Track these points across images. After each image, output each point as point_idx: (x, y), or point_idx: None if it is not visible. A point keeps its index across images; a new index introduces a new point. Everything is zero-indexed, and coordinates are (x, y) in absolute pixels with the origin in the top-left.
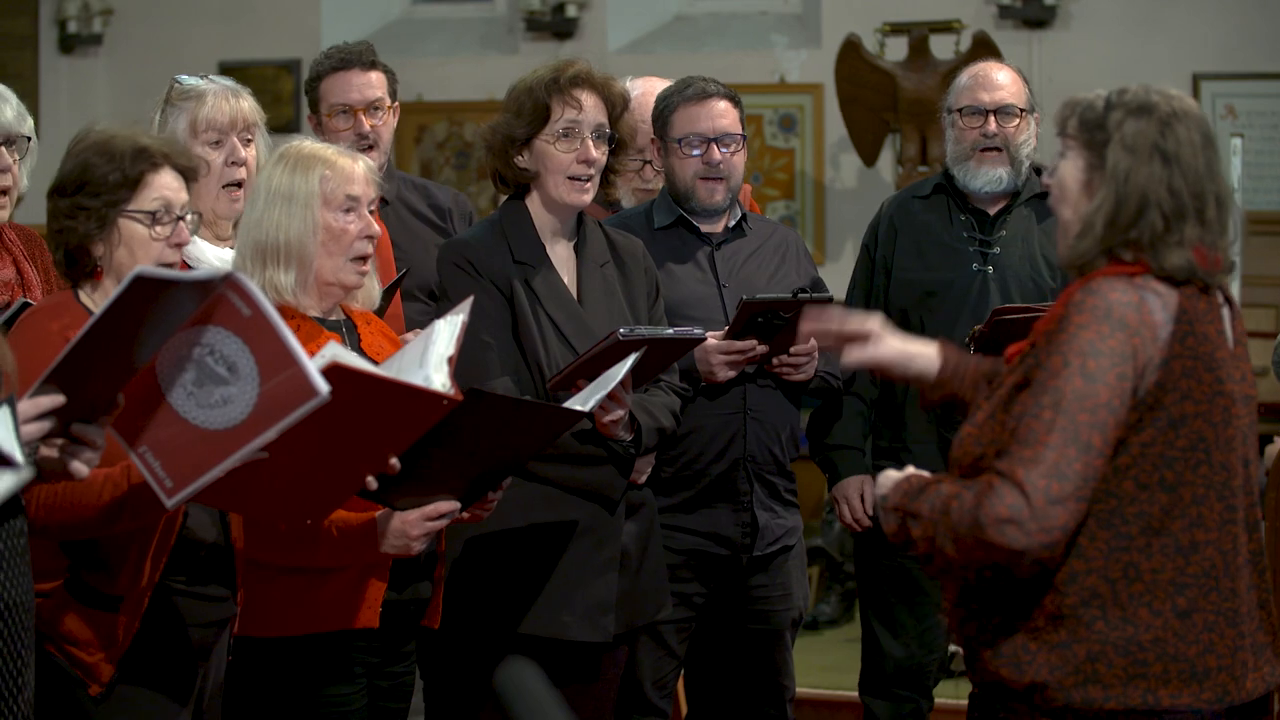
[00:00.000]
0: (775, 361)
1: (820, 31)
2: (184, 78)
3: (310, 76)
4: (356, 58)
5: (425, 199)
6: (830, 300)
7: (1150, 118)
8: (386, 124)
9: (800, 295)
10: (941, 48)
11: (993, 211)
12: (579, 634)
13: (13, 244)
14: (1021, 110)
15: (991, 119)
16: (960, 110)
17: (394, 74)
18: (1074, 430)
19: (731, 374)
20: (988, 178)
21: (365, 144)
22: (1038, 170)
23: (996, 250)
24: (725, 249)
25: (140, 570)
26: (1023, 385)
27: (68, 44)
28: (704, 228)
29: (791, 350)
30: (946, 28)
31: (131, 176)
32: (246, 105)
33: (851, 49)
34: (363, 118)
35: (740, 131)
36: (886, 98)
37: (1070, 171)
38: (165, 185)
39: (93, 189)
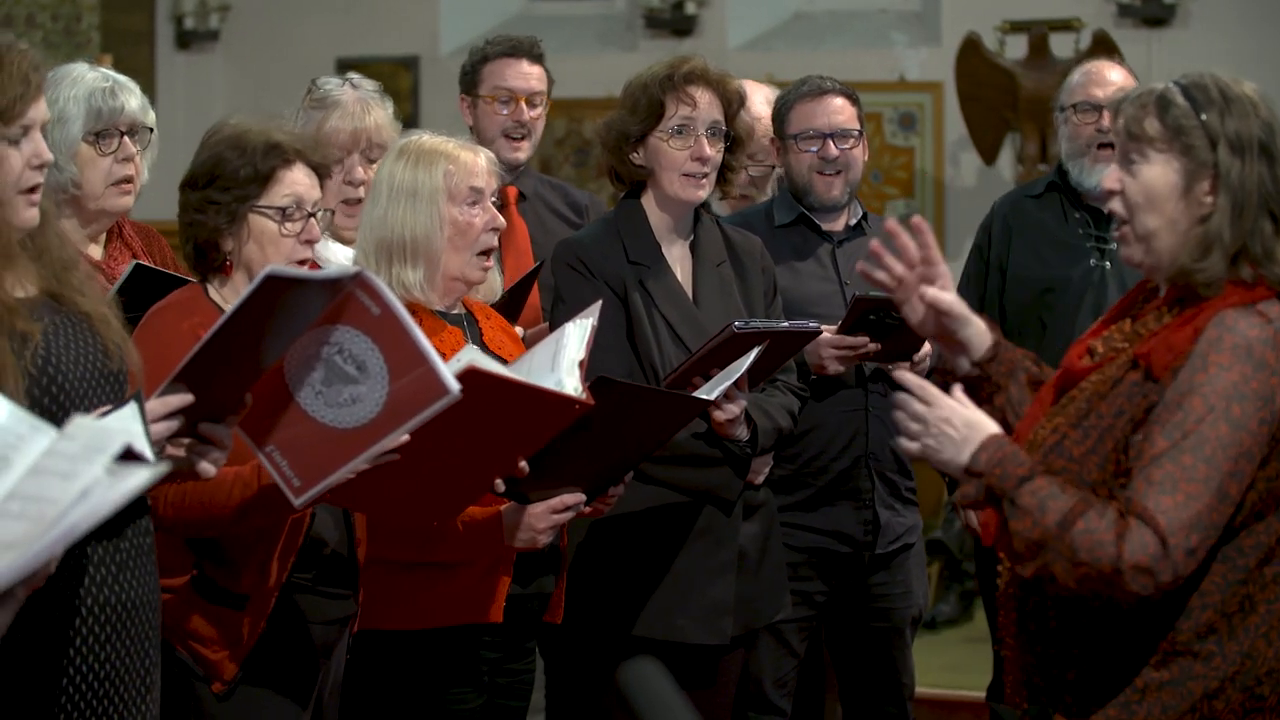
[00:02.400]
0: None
1: (940, 30)
2: (324, 81)
3: (474, 58)
4: (526, 49)
5: (563, 198)
6: None
7: (1245, 112)
8: (541, 118)
9: None
10: (1061, 46)
11: (1107, 208)
12: (696, 637)
13: (131, 239)
14: None
15: (1105, 115)
16: (1074, 106)
17: (552, 76)
18: (1218, 481)
19: (841, 369)
20: (1103, 174)
21: (520, 132)
22: None
23: (1113, 246)
24: (847, 247)
25: (267, 570)
26: (1139, 421)
27: (184, 40)
28: (825, 225)
29: (916, 359)
30: (1066, 26)
31: (263, 172)
32: (373, 121)
33: (971, 47)
34: (523, 106)
35: (857, 127)
36: (1006, 96)
37: (1161, 177)
38: (297, 181)
39: (223, 183)
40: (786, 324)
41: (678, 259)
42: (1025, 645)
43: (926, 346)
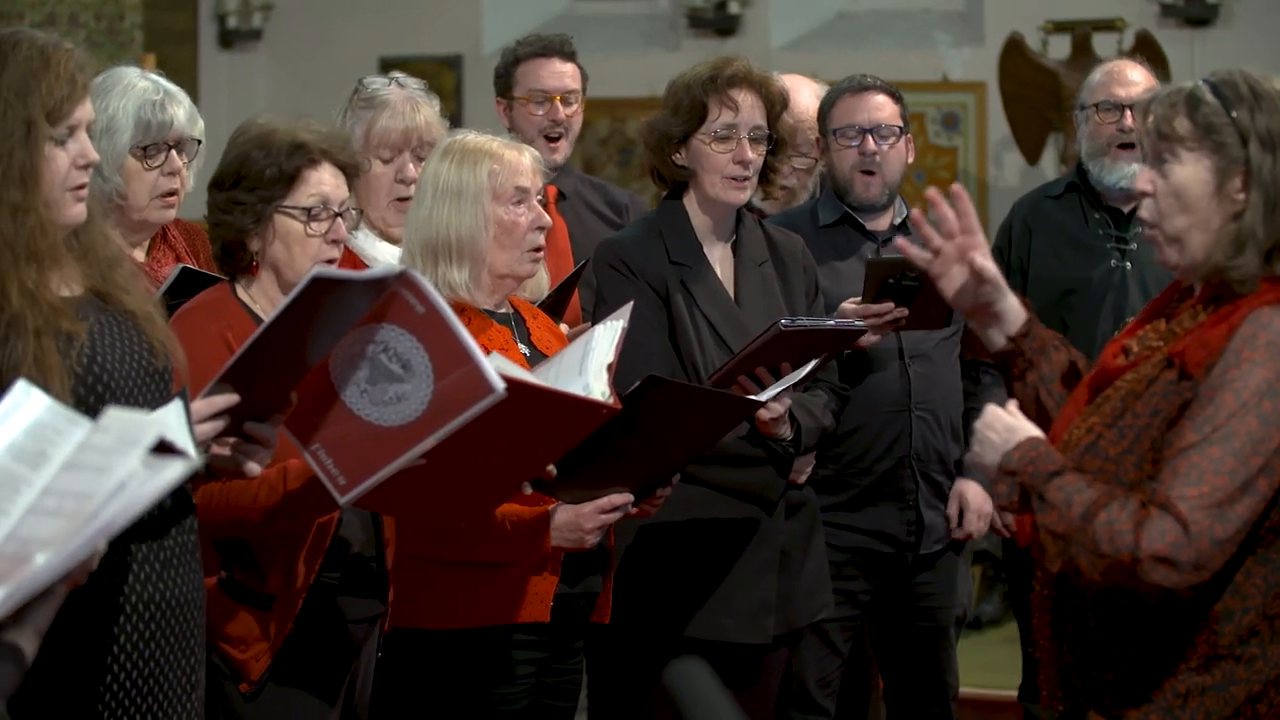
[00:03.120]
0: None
1: (983, 30)
2: (370, 81)
3: (506, 60)
4: (558, 48)
5: (603, 197)
6: None
7: (1275, 108)
8: (577, 116)
9: None
10: (1104, 46)
11: (1126, 209)
12: (739, 636)
13: (175, 240)
14: None
15: (1129, 114)
16: (1096, 105)
17: (586, 73)
18: (1246, 475)
19: (875, 339)
20: (1123, 173)
21: (557, 131)
22: None
23: (1134, 246)
24: (890, 247)
25: (294, 571)
26: (1174, 420)
27: (227, 39)
28: (869, 225)
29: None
30: (1109, 26)
31: (287, 171)
32: (423, 119)
33: (1014, 47)
34: (559, 105)
35: (899, 125)
36: (1049, 96)
37: (1192, 176)
38: (322, 181)
39: (249, 183)
40: (832, 322)
41: (719, 259)
42: (1062, 647)
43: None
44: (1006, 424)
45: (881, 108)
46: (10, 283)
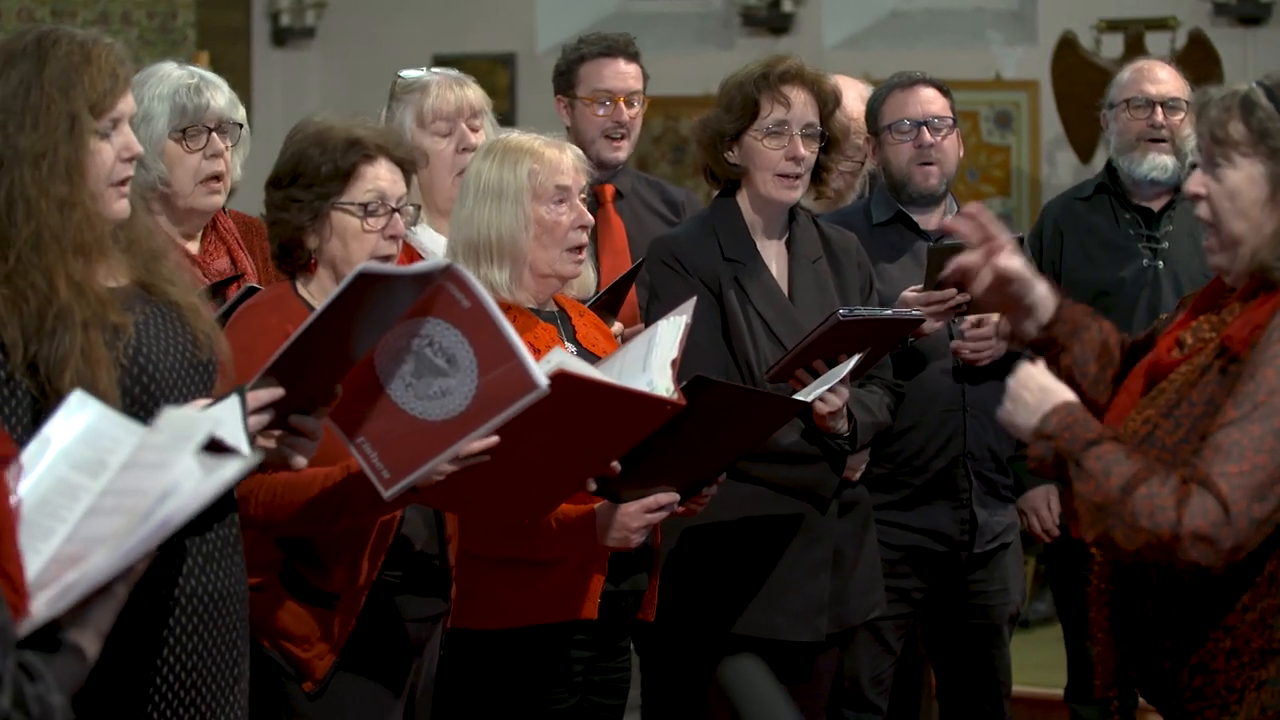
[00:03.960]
0: (955, 345)
1: (1036, 28)
2: (405, 72)
3: (569, 58)
4: (622, 48)
5: (660, 195)
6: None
7: None
8: (639, 116)
9: None
10: (1157, 45)
11: (1157, 208)
12: (791, 634)
13: (227, 232)
14: (1186, 104)
15: (1158, 110)
16: (1126, 102)
17: (647, 73)
18: None
19: (938, 325)
20: (1153, 165)
21: (620, 132)
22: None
23: (1165, 245)
24: (942, 244)
25: (357, 569)
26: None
27: (280, 37)
28: (921, 222)
29: (967, 334)
30: (1162, 25)
31: (344, 168)
32: (471, 92)
33: (1067, 46)
34: (621, 106)
35: (950, 117)
36: (1102, 95)
37: (1246, 181)
38: (379, 177)
39: (306, 180)
40: (890, 311)
41: (773, 256)
42: (1119, 639)
43: (992, 322)
44: (1041, 384)
45: (933, 101)
46: (58, 276)
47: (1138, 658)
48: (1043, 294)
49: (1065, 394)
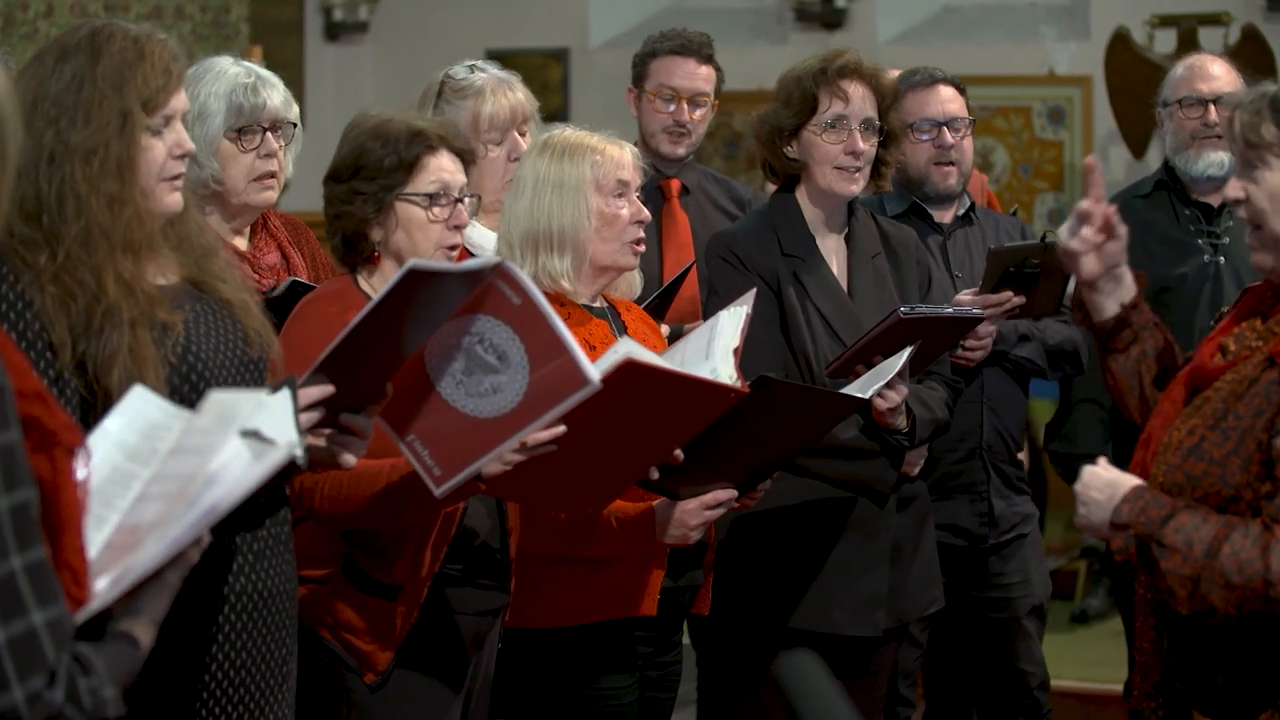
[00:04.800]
0: (959, 351)
1: (1089, 23)
2: (456, 71)
3: (643, 52)
4: (696, 48)
5: (726, 192)
6: None
7: None
8: (704, 119)
9: (1049, 241)
10: (1210, 40)
11: (1216, 204)
12: (849, 628)
13: (277, 229)
14: None
15: (1211, 108)
16: (1180, 101)
17: (722, 74)
18: None
19: (992, 330)
20: (1209, 161)
21: (680, 131)
22: None
23: (1225, 240)
24: (956, 237)
25: (420, 561)
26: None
27: (333, 31)
28: (936, 216)
29: (966, 345)
30: (1215, 20)
31: (407, 159)
32: (520, 96)
33: (1120, 41)
34: (685, 106)
35: (968, 117)
36: (1155, 90)
37: None
38: (442, 167)
39: (369, 173)
40: (950, 309)
41: (832, 251)
42: (1167, 648)
43: (990, 326)
44: (1106, 480)
45: (953, 100)
46: (106, 274)
47: (1186, 667)
48: (1129, 272)
49: (1131, 481)
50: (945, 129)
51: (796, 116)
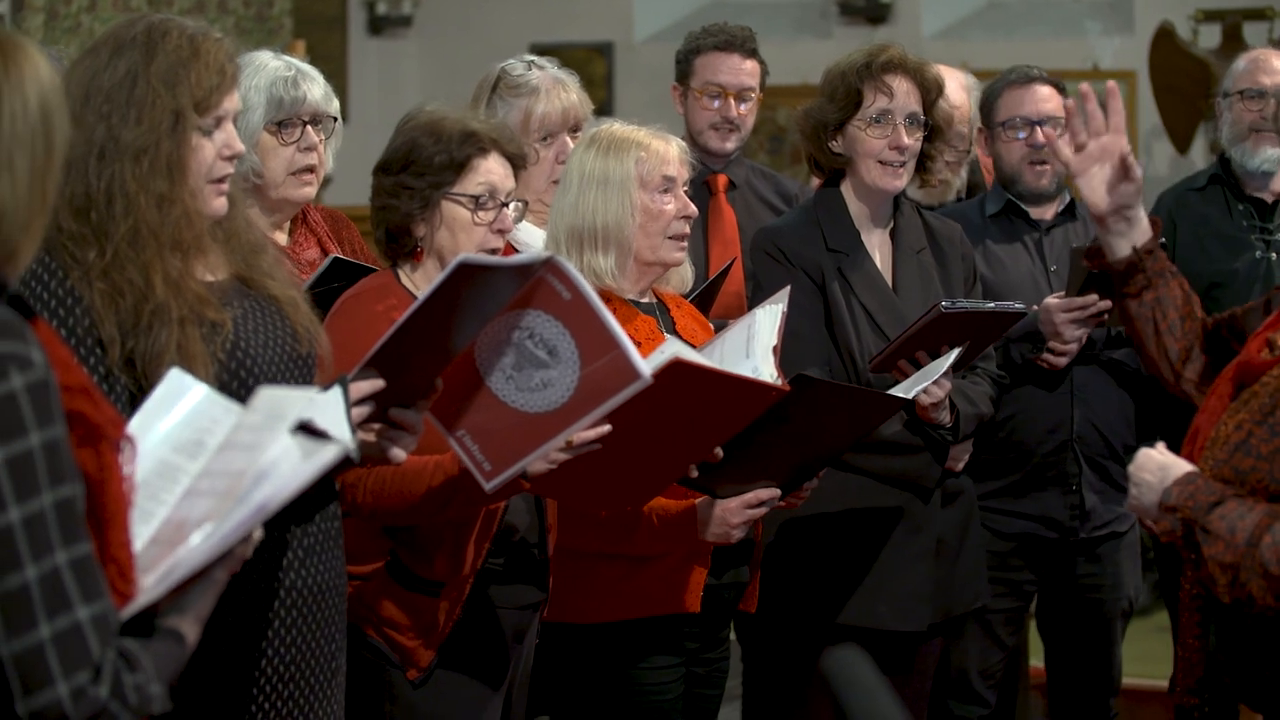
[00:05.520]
0: (1045, 355)
1: (1133, 18)
2: (514, 66)
3: (687, 48)
4: (740, 43)
5: (773, 187)
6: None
7: None
8: (751, 113)
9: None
10: (1255, 35)
11: (1270, 199)
12: (893, 624)
13: (317, 225)
14: None
15: (1272, 102)
16: (1241, 93)
17: (767, 67)
18: None
19: (1079, 334)
20: (1266, 156)
21: (728, 127)
22: None
23: (1278, 237)
24: (1054, 233)
25: (462, 557)
26: None
27: (377, 25)
28: (1034, 213)
29: (1052, 348)
30: (1260, 15)
31: (458, 159)
32: (575, 98)
33: (1165, 36)
34: (732, 102)
35: (1063, 115)
36: (1200, 85)
37: None
38: (491, 170)
39: (418, 169)
40: (992, 305)
41: (877, 246)
42: (1214, 644)
43: (1077, 330)
44: (1159, 463)
45: (1048, 99)
46: (154, 272)
47: (1234, 661)
48: (1144, 215)
49: (1184, 466)
50: (1038, 128)
51: (841, 111)
